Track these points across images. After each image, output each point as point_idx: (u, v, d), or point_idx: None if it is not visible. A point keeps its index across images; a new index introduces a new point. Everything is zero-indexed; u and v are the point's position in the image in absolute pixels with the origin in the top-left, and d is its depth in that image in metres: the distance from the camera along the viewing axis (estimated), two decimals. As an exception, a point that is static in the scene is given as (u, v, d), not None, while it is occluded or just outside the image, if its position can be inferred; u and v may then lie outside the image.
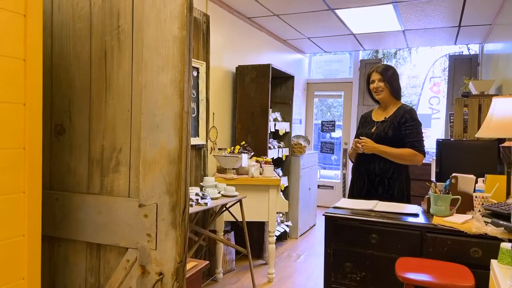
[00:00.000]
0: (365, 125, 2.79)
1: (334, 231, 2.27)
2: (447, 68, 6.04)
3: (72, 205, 1.17)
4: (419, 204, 2.48)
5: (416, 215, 2.24)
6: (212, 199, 2.99)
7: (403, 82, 6.77)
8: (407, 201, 2.61)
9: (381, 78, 2.65)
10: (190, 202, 2.78)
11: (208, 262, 2.15)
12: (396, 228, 2.13)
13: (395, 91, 2.70)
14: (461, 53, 6.20)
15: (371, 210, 2.31)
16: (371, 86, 2.71)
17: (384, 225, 2.14)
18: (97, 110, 1.16)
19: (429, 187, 2.33)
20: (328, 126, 6.56)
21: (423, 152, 2.57)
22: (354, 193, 2.74)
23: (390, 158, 2.59)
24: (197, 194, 2.93)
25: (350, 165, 6.86)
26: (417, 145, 2.57)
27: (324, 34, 5.36)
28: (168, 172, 1.04)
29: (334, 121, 6.52)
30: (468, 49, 6.19)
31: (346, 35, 5.36)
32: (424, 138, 2.64)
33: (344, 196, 6.73)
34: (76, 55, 1.18)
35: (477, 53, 5.86)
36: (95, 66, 1.16)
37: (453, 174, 2.32)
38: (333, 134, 7.61)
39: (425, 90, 7.26)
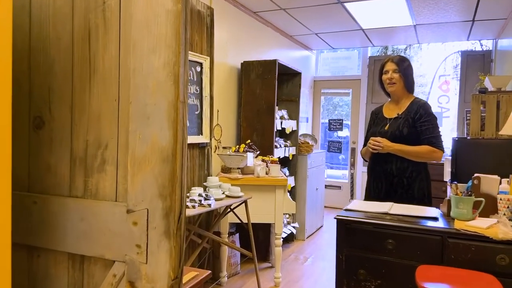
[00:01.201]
0: (377, 123, 2.62)
1: (346, 235, 2.10)
2: (459, 65, 5.84)
3: (51, 210, 1.02)
4: (437, 207, 2.31)
5: (435, 218, 2.07)
6: (216, 200, 2.84)
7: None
8: (428, 200, 2.45)
9: (396, 68, 2.48)
10: (193, 203, 2.63)
11: (210, 272, 1.99)
12: (414, 233, 1.96)
13: (409, 84, 2.53)
14: (473, 49, 5.99)
15: (386, 213, 2.14)
16: (384, 77, 2.54)
17: (401, 229, 1.98)
18: (80, 99, 1.00)
19: (444, 189, 2.16)
20: (335, 124, 6.40)
21: (441, 148, 2.40)
22: (371, 195, 2.57)
23: (407, 156, 2.42)
24: (200, 195, 2.78)
25: (358, 164, 6.71)
26: (435, 141, 2.40)
27: (332, 30, 5.19)
28: (161, 172, 0.89)
29: (342, 120, 6.35)
30: (481, 45, 5.98)
31: (355, 30, 5.18)
32: (441, 133, 2.47)
33: (352, 197, 6.55)
34: (57, 36, 1.03)
35: (490, 49, 5.65)
36: (77, 48, 1.00)
37: (475, 175, 2.15)
38: (340, 133, 7.43)
39: (434, 88, 7.05)
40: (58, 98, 1.03)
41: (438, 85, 6.93)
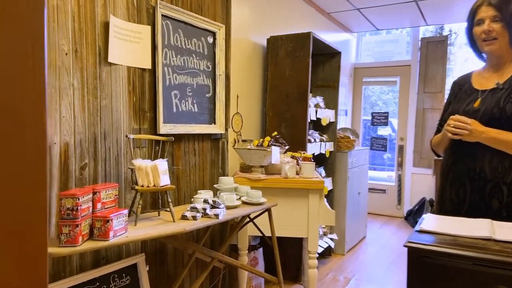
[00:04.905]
0: (461, 98, 1.78)
1: (424, 275, 1.29)
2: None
3: None
4: None
5: None
6: (228, 208, 2.11)
7: (470, 66, 5.57)
8: None
9: (496, 15, 1.63)
10: (194, 213, 1.91)
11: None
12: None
13: None
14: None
15: (489, 239, 1.32)
16: (478, 30, 1.69)
17: (523, 269, 1.15)
18: None
19: None
20: (379, 118, 5.52)
21: None
22: (446, 208, 1.75)
23: (508, 150, 1.58)
24: (205, 201, 2.06)
25: (407, 164, 5.76)
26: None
27: (378, 3, 4.33)
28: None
29: (387, 113, 5.46)
30: None
31: (406, 2, 4.29)
32: None
33: (399, 202, 5.63)
34: None
35: None
36: None
37: None
38: (383, 131, 6.51)
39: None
40: None
41: None
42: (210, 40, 2.62)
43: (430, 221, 1.54)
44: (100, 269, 1.92)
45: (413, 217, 5.32)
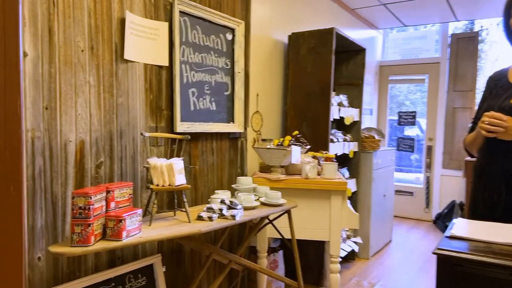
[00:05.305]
0: (497, 93, 1.64)
1: (455, 284, 1.18)
2: None
3: None
4: None
5: None
6: (245, 209, 2.04)
7: (502, 66, 5.28)
8: None
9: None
10: (210, 214, 1.85)
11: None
12: None
13: None
14: None
15: (529, 247, 1.20)
16: None
17: None
18: None
19: None
20: (407, 118, 5.32)
21: None
22: (478, 211, 1.62)
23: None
24: (222, 202, 1.99)
25: (436, 166, 5.53)
26: None
27: (405, -3, 4.17)
28: None
29: (415, 112, 5.26)
30: None
31: (436, -4, 4.11)
32: None
33: (427, 205, 5.42)
34: None
35: None
36: None
37: None
38: (409, 132, 6.30)
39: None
40: None
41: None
42: (229, 37, 2.56)
43: (461, 226, 1.42)
44: (116, 269, 1.89)
45: (442, 221, 5.10)
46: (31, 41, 1.56)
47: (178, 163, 1.82)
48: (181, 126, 2.19)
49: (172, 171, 1.79)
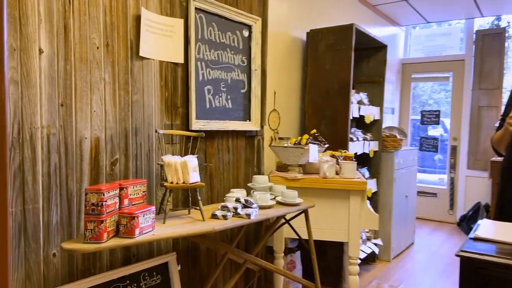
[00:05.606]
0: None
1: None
2: None
3: None
4: None
5: None
6: (261, 207, 2.00)
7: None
8: None
9: None
10: (224, 213, 1.83)
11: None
12: None
13: None
14: None
15: (561, 251, 1.11)
16: None
17: None
18: None
19: None
20: (430, 117, 5.18)
21: None
22: (506, 211, 1.54)
23: None
24: (237, 200, 1.96)
25: (461, 166, 5.35)
26: None
27: (428, -8, 4.05)
28: None
29: (439, 111, 5.10)
30: None
31: (460, -9, 3.98)
32: None
33: (451, 207, 5.26)
34: None
35: None
36: None
37: None
38: (433, 132, 6.12)
39: None
40: None
41: None
42: (246, 33, 2.53)
43: (486, 227, 1.34)
44: (130, 267, 1.89)
45: (466, 223, 4.93)
46: (46, 38, 1.57)
47: (192, 161, 1.80)
48: (197, 124, 2.17)
49: (186, 169, 1.77)
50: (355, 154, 3.13)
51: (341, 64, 3.05)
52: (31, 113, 1.53)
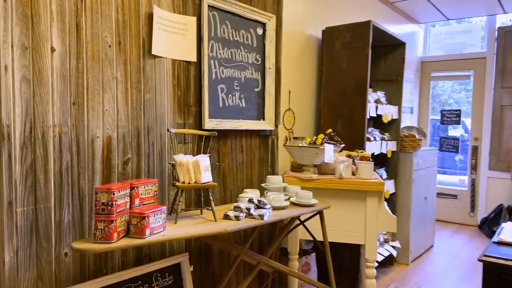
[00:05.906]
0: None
1: (504, 297, 1.04)
2: None
3: None
4: None
5: None
6: (274, 208, 1.96)
7: None
8: None
9: None
10: (237, 213, 1.79)
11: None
12: None
13: None
14: None
15: None
16: None
17: None
18: None
19: None
20: (450, 116, 5.04)
21: None
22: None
23: None
24: (250, 201, 1.93)
25: (482, 167, 5.17)
26: None
27: (448, -12, 3.93)
28: None
29: (460, 111, 4.96)
30: None
31: (482, -14, 3.85)
32: None
33: (472, 209, 5.11)
34: None
35: None
36: None
37: None
38: (454, 132, 5.96)
39: None
40: None
41: None
42: (260, 31, 2.49)
43: (511, 230, 1.27)
44: (143, 267, 1.87)
45: (488, 225, 4.78)
46: (58, 36, 1.56)
47: (204, 160, 1.77)
48: (210, 123, 2.15)
49: (198, 168, 1.74)
50: (372, 154, 3.05)
51: (358, 62, 2.98)
52: (43, 111, 1.52)
